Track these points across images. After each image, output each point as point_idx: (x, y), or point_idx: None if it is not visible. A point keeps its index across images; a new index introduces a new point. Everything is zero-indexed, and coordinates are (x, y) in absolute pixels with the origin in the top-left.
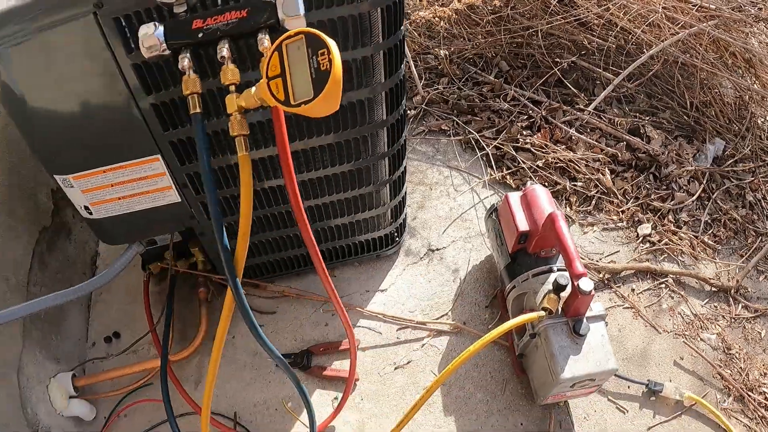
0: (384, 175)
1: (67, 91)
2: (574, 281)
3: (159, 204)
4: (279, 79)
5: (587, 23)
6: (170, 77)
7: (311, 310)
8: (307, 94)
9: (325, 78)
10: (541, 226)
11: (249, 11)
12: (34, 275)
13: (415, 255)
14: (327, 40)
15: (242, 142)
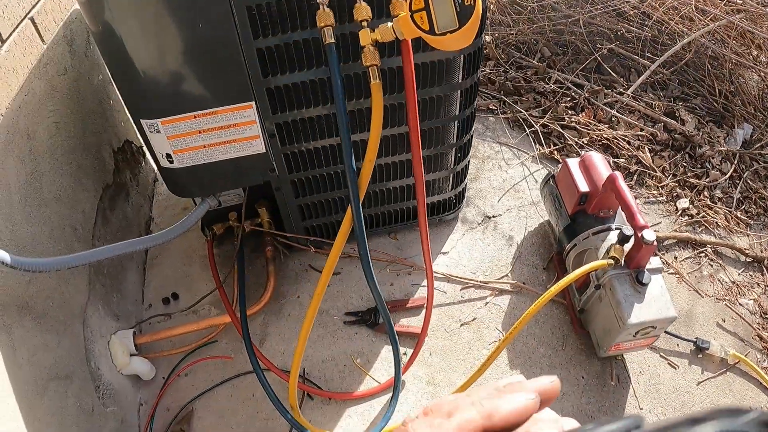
0: (452, 139)
1: (170, 31)
2: (637, 232)
3: (242, 154)
4: (423, 12)
5: (624, 14)
6: (280, 22)
7: (376, 270)
8: (452, 25)
9: (469, 11)
10: (601, 187)
11: None
12: (98, 230)
13: (472, 221)
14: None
15: (376, 71)
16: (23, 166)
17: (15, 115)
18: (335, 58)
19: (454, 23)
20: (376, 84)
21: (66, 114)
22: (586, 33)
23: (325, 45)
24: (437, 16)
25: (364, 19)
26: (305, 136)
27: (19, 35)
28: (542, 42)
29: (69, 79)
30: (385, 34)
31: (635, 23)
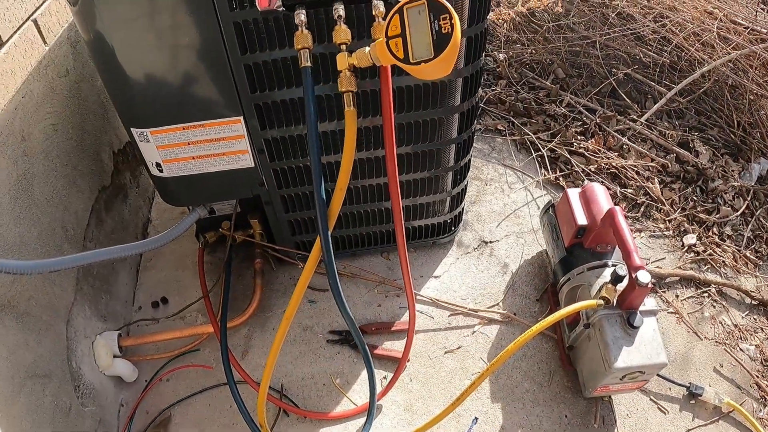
0: (449, 162)
1: (159, 43)
2: (632, 273)
3: (231, 168)
4: (399, 38)
5: (643, 37)
6: (267, 39)
7: (365, 290)
8: (427, 54)
9: (445, 41)
10: (600, 221)
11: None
12: (90, 231)
13: (468, 246)
14: (449, 6)
15: (350, 97)
16: (15, 167)
17: (10, 117)
18: (310, 82)
19: (429, 52)
20: (350, 111)
21: (65, 116)
22: (602, 56)
23: (301, 68)
24: (413, 44)
25: (343, 43)
26: (294, 152)
27: (20, 37)
28: (557, 63)
29: (70, 81)
30: (362, 60)
31: (654, 48)
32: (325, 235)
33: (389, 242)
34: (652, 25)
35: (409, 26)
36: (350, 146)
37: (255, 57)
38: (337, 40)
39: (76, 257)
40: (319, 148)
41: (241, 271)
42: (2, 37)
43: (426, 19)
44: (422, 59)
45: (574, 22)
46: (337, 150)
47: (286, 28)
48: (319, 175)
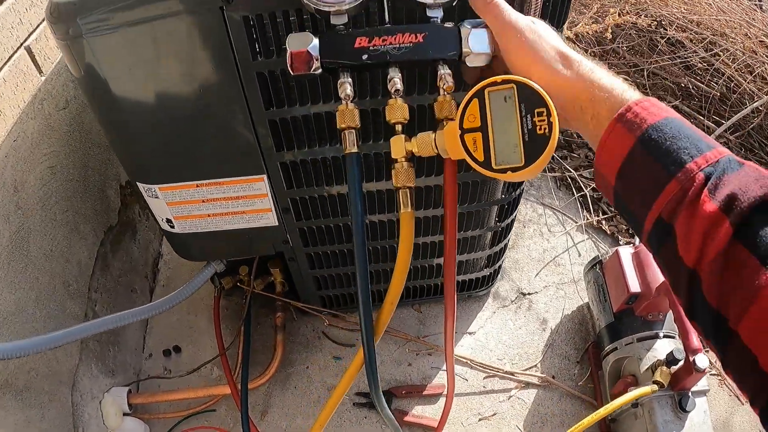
0: (492, 222)
1: (167, 91)
2: (689, 356)
3: (252, 226)
4: (478, 133)
5: (692, 67)
6: (297, 92)
7: (394, 347)
8: (515, 161)
9: (541, 144)
10: (655, 290)
11: (426, 36)
12: (95, 280)
13: (505, 298)
14: (546, 98)
15: (407, 195)
16: (7, 225)
17: (0, 166)
18: (357, 173)
19: (518, 158)
20: (407, 214)
21: (64, 155)
22: (649, 84)
23: (345, 155)
24: (496, 146)
25: (399, 122)
26: (324, 212)
27: (10, 70)
28: None
29: (70, 113)
30: (424, 148)
31: (704, 78)
32: (371, 350)
33: (422, 296)
34: (702, 54)
35: (492, 118)
36: (405, 257)
37: (282, 113)
38: (392, 118)
39: (77, 330)
40: (366, 263)
41: (261, 319)
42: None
43: (515, 112)
44: (508, 167)
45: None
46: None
47: (321, 82)
48: (367, 294)
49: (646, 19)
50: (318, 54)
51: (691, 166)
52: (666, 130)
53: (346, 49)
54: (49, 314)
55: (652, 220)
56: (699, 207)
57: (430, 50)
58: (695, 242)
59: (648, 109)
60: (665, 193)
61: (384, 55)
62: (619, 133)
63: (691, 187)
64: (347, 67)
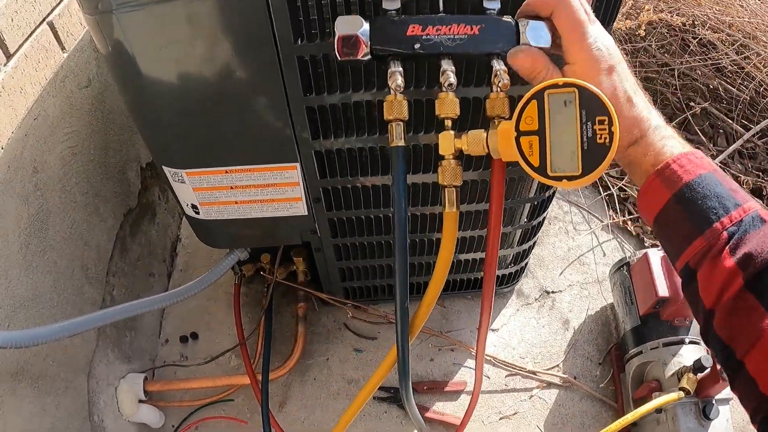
0: (522, 220)
1: (199, 73)
2: (717, 364)
3: (281, 215)
4: (535, 137)
5: (723, 69)
6: (339, 79)
7: (416, 341)
8: (572, 169)
9: (600, 154)
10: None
11: (482, 29)
12: (114, 264)
13: (528, 296)
14: (609, 105)
15: (453, 194)
16: (26, 206)
17: (19, 146)
18: (402, 168)
19: (574, 167)
20: (452, 213)
21: (85, 135)
22: (679, 85)
23: (391, 147)
24: (553, 152)
25: (448, 117)
26: (356, 204)
27: (32, 46)
28: None
29: (92, 92)
30: (474, 146)
31: (734, 81)
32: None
33: (446, 291)
34: (733, 57)
35: (549, 122)
36: (446, 257)
37: (321, 99)
38: (442, 112)
39: (97, 317)
40: (406, 259)
41: (281, 308)
42: (9, 49)
43: (575, 117)
44: (563, 175)
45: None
46: (415, 201)
47: (365, 69)
48: (405, 290)
49: (680, 18)
50: (368, 40)
51: (717, 226)
52: (698, 189)
53: (398, 37)
54: (66, 299)
55: (681, 264)
56: (720, 262)
57: (487, 44)
58: (714, 290)
59: (684, 166)
60: (693, 246)
61: (437, 46)
62: (657, 187)
63: (715, 244)
64: (398, 55)
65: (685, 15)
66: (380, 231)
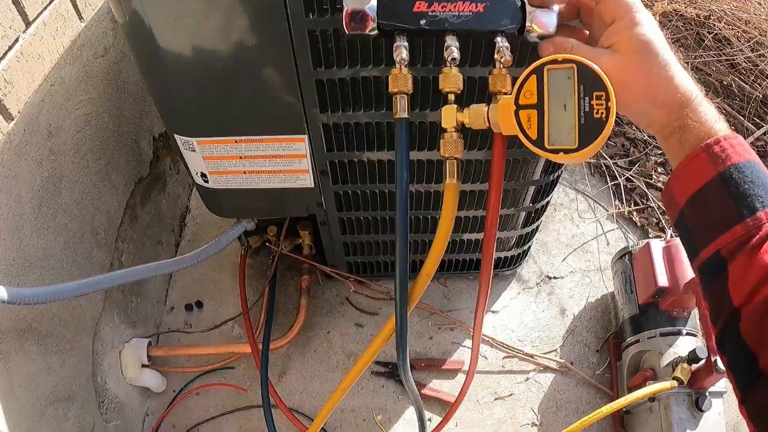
0: (527, 202)
1: (211, 43)
2: (711, 356)
3: (288, 186)
4: (534, 111)
5: (737, 65)
6: (348, 53)
7: (416, 319)
8: (568, 142)
9: (597, 128)
10: (684, 286)
11: (487, 6)
12: (123, 230)
13: (529, 280)
14: (606, 81)
15: (454, 166)
16: (39, 169)
17: (35, 111)
18: (405, 139)
19: (571, 140)
20: (452, 185)
21: (100, 103)
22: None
23: (395, 119)
24: (550, 126)
25: (452, 91)
26: (362, 178)
27: (51, 14)
28: None
29: (108, 61)
30: (475, 120)
31: (747, 78)
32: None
33: (449, 270)
34: (748, 54)
35: (548, 96)
36: (446, 228)
37: (330, 73)
38: (445, 86)
39: (104, 278)
40: (406, 230)
41: (285, 280)
42: (29, 16)
43: (573, 92)
44: (560, 148)
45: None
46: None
47: (373, 45)
48: (405, 264)
49: (695, 10)
50: (375, 15)
51: (761, 215)
52: (747, 173)
53: (404, 12)
54: (75, 262)
55: (711, 252)
56: (758, 255)
57: (491, 21)
58: (746, 287)
59: (734, 147)
60: (731, 232)
61: (442, 22)
62: (701, 162)
63: (756, 234)
64: (404, 30)
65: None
66: (385, 206)
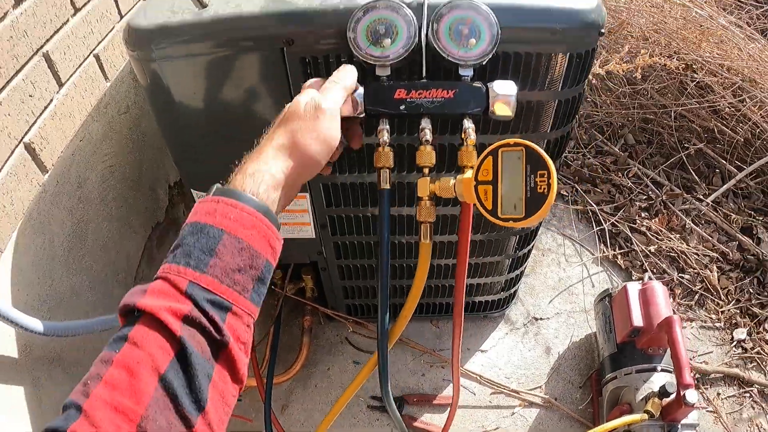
0: (510, 250)
1: (226, 114)
2: (680, 390)
3: (292, 236)
4: (489, 186)
5: (719, 111)
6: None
7: (410, 357)
8: (517, 212)
9: (540, 201)
10: (656, 326)
11: (456, 93)
12: (141, 270)
13: (516, 322)
14: (549, 162)
15: (428, 229)
16: (70, 216)
17: (67, 164)
18: (387, 207)
19: (520, 211)
20: (426, 244)
21: (122, 155)
22: (675, 126)
23: (379, 190)
24: (503, 197)
25: (426, 166)
26: (357, 230)
27: (81, 76)
28: (628, 128)
29: (130, 117)
30: (444, 191)
31: (730, 123)
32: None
33: (440, 312)
34: (730, 99)
35: (502, 174)
36: (420, 280)
37: None
38: (421, 162)
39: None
40: (388, 279)
41: (289, 320)
42: (61, 78)
43: (521, 171)
44: (511, 217)
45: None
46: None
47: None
48: (386, 303)
49: (676, 62)
50: (362, 101)
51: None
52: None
53: (386, 99)
54: (98, 299)
55: None
56: None
57: (460, 105)
58: None
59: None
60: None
61: (418, 107)
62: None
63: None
64: (386, 115)
65: (683, 59)
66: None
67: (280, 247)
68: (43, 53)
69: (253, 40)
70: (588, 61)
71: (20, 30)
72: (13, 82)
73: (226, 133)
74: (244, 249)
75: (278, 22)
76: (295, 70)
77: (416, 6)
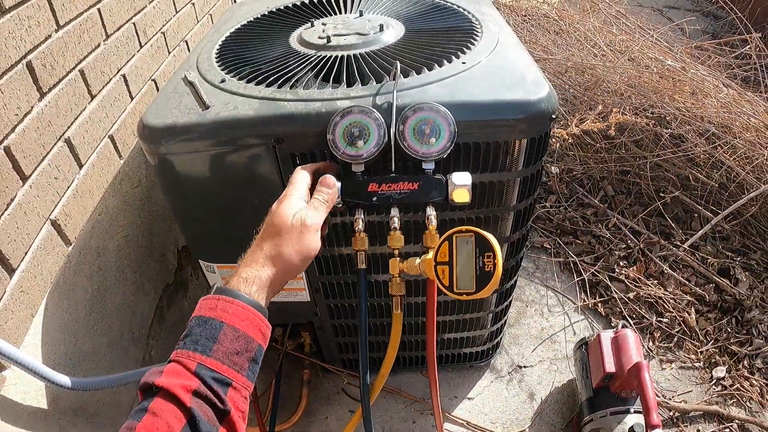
0: (490, 306)
1: (227, 203)
2: (648, 430)
3: (289, 300)
4: (446, 266)
5: (694, 159)
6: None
7: (401, 405)
8: (469, 288)
9: (487, 278)
10: (627, 371)
11: (420, 185)
12: (153, 329)
13: (501, 370)
14: (495, 245)
15: (398, 301)
16: (90, 283)
17: (88, 236)
18: (364, 285)
19: (471, 286)
20: (398, 315)
21: (136, 225)
22: (651, 176)
23: (356, 269)
24: (458, 275)
25: (396, 248)
26: (348, 293)
27: (98, 156)
28: (607, 180)
29: (142, 190)
30: (411, 269)
31: (704, 170)
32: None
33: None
34: (704, 147)
35: (456, 255)
36: (394, 346)
37: None
38: (392, 245)
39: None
40: (366, 340)
41: (290, 373)
42: (81, 160)
43: (472, 253)
44: (464, 291)
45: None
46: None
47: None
48: (366, 362)
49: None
50: (340, 193)
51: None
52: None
53: (361, 192)
54: (116, 356)
55: None
56: None
57: (423, 195)
58: None
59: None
60: None
61: (388, 199)
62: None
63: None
64: (361, 205)
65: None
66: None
67: (269, 333)
68: (65, 139)
69: (249, 138)
70: (543, 142)
71: (45, 120)
72: (41, 167)
73: (225, 210)
74: (241, 336)
75: (270, 124)
76: (285, 163)
77: (386, 108)
